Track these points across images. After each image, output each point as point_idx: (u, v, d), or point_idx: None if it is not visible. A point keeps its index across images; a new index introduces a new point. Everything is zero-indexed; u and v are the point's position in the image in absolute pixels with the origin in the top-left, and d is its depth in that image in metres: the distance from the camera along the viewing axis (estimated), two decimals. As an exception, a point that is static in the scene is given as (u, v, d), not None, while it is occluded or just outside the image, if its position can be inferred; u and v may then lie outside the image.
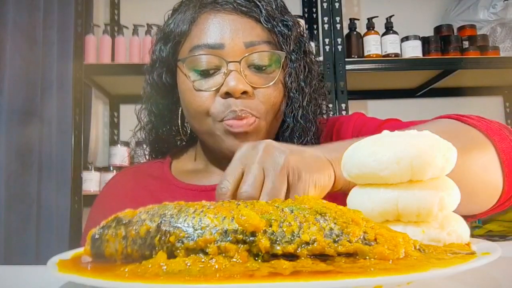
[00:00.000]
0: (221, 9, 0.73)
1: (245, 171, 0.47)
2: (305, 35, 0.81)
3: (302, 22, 1.91)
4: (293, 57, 0.75)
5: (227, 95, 0.70)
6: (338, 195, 0.57)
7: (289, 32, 0.75)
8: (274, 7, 0.75)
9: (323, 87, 0.81)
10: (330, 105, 1.31)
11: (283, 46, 0.74)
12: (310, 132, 0.76)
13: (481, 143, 0.58)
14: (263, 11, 0.73)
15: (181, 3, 0.79)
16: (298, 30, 0.78)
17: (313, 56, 0.81)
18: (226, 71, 0.70)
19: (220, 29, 0.71)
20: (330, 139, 0.80)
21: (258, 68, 0.72)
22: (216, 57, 0.71)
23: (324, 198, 0.46)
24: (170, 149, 0.88)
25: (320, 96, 0.80)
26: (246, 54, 0.71)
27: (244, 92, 0.69)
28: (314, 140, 0.76)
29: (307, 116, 0.76)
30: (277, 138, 0.77)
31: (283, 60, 0.73)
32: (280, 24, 0.75)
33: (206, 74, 0.71)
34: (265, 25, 0.73)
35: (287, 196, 0.47)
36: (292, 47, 0.75)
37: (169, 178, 0.81)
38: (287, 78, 0.75)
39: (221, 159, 0.78)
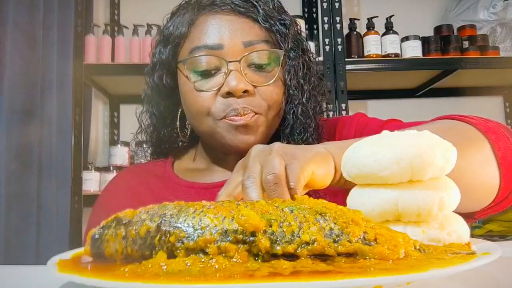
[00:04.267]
0: (219, 10, 0.74)
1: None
2: (302, 33, 0.82)
3: (302, 22, 1.92)
4: (291, 55, 0.77)
5: (229, 94, 0.71)
6: (338, 192, 0.57)
7: (287, 31, 0.76)
8: (271, 6, 0.77)
9: (322, 85, 0.83)
10: (330, 105, 1.31)
11: (281, 45, 0.76)
12: (310, 129, 0.77)
13: (478, 140, 0.59)
14: (260, 11, 0.75)
15: (179, 7, 0.80)
16: (296, 29, 0.80)
17: (312, 55, 0.82)
18: (226, 71, 0.71)
19: (219, 30, 0.73)
20: (332, 139, 0.81)
21: (258, 67, 0.73)
22: (216, 58, 0.72)
23: (325, 197, 0.46)
24: (171, 150, 0.89)
25: (319, 94, 0.81)
26: (246, 54, 0.72)
27: (245, 91, 0.71)
28: (314, 138, 0.77)
29: (307, 113, 0.77)
30: (277, 135, 0.78)
31: (282, 58, 0.75)
32: (277, 23, 0.76)
33: (206, 74, 0.73)
34: (263, 25, 0.75)
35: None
36: (290, 45, 0.76)
37: (171, 176, 0.82)
38: (286, 76, 0.76)
39: (222, 158, 0.81)
